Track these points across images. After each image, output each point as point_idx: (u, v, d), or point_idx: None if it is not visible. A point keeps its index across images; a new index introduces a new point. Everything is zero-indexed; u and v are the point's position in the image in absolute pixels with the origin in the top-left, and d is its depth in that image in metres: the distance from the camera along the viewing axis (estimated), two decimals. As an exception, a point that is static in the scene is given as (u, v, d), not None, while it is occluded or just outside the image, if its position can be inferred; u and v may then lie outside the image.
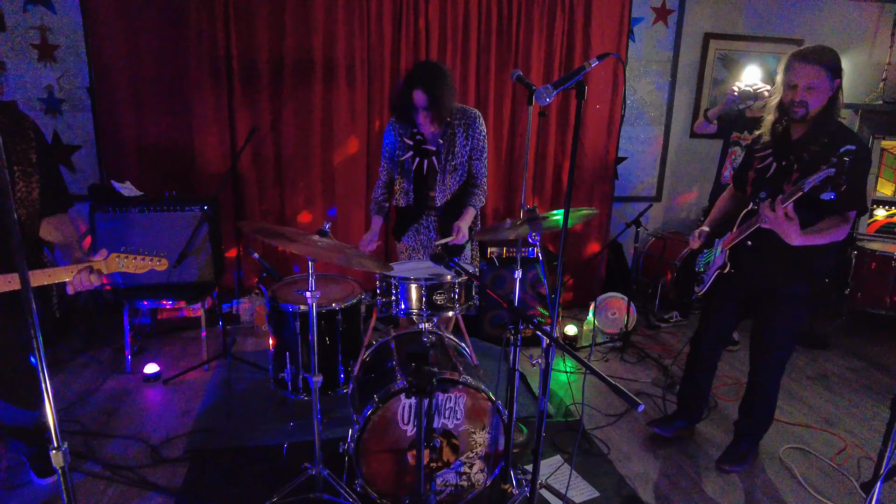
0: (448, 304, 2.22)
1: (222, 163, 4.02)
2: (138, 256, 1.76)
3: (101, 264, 1.73)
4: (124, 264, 1.76)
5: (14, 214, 1.22)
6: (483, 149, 2.80)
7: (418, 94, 2.53)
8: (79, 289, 1.71)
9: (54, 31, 3.95)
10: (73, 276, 1.68)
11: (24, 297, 1.22)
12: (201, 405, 3.08)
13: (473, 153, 2.77)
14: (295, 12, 3.87)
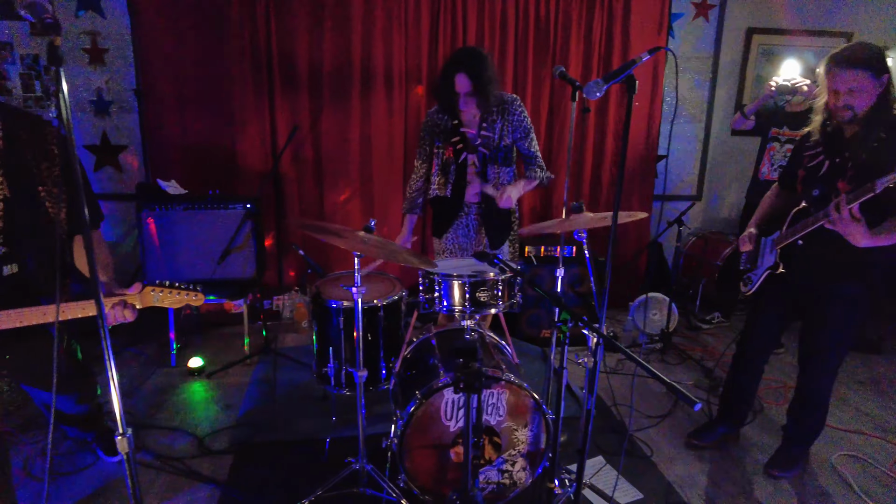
0: (491, 301, 2.21)
1: (263, 162, 4.10)
2: (174, 290, 1.69)
3: (135, 298, 1.66)
4: (159, 298, 1.68)
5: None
6: (529, 128, 2.74)
7: (461, 79, 2.49)
8: (113, 323, 1.61)
9: (104, 36, 4.08)
10: (108, 310, 1.60)
11: (96, 300, 1.26)
12: (244, 399, 3.14)
13: (518, 134, 2.72)
14: (334, 16, 3.92)
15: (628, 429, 2.90)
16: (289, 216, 4.20)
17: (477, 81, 2.51)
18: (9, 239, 1.65)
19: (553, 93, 4.26)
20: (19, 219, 1.63)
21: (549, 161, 4.36)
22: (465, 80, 2.50)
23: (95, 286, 1.26)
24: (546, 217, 4.40)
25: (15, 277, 1.70)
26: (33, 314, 1.58)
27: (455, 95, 2.53)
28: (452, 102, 2.61)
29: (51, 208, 1.67)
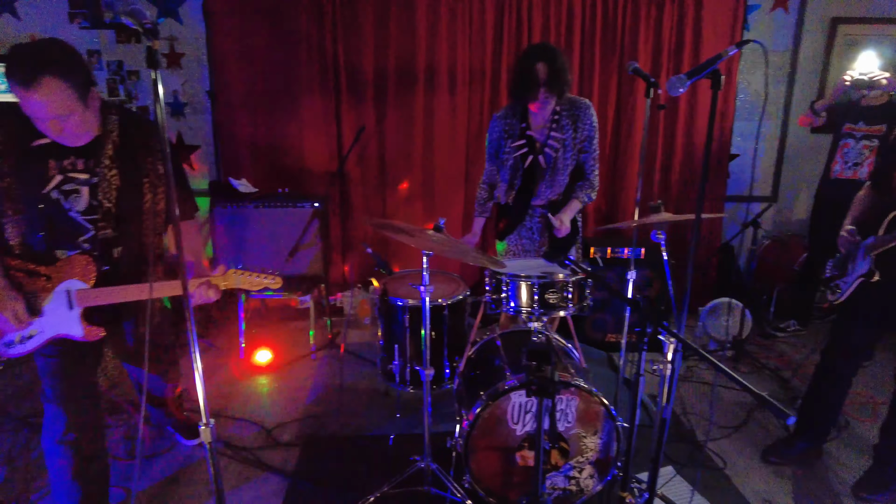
0: (560, 303, 2.17)
1: (329, 162, 4.18)
2: (253, 274, 1.83)
3: (219, 280, 1.80)
4: (240, 281, 1.82)
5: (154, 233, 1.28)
6: (593, 139, 2.68)
7: (540, 67, 2.43)
8: (198, 302, 1.78)
9: (181, 41, 4.27)
10: (195, 290, 1.75)
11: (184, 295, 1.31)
12: (310, 393, 3.21)
13: (583, 144, 2.67)
14: (399, 18, 3.95)
15: (700, 439, 2.79)
16: (354, 215, 4.28)
17: (552, 69, 2.45)
18: (118, 224, 1.81)
19: (620, 90, 4.15)
20: (127, 206, 1.80)
21: (615, 161, 4.26)
22: (543, 68, 2.44)
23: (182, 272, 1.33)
24: (612, 218, 4.28)
25: (121, 259, 1.87)
26: (134, 291, 1.76)
27: (533, 90, 2.47)
28: (527, 100, 2.54)
29: (149, 198, 1.84)
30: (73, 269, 1.78)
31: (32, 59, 1.49)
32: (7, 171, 1.65)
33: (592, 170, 2.72)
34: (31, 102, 1.51)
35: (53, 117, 1.56)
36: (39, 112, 1.54)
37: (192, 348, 1.36)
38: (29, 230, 1.73)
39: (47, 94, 1.51)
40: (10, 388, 3.11)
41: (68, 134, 1.65)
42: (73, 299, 1.79)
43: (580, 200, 2.72)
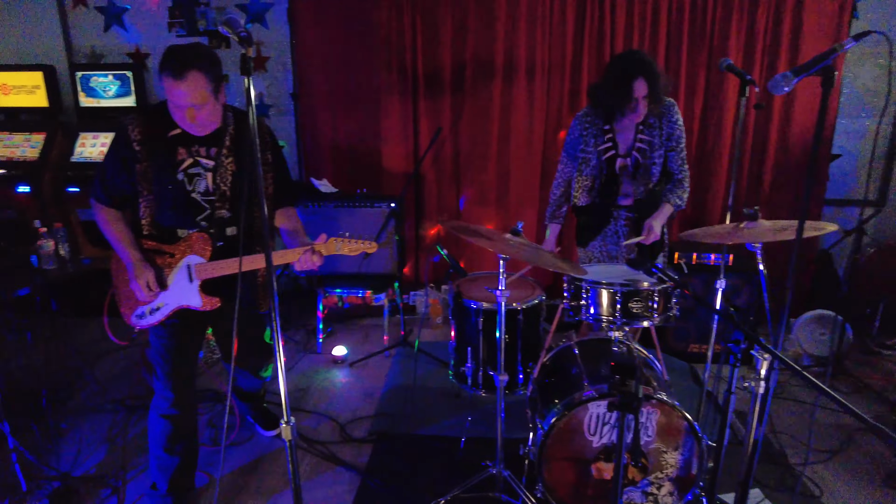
0: (644, 313, 2.07)
1: (406, 163, 4.23)
2: (352, 240, 2.01)
3: (321, 247, 1.98)
4: (340, 247, 2.00)
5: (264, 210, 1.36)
6: (680, 137, 2.56)
7: (640, 84, 2.35)
8: (302, 268, 1.97)
9: (266, 45, 4.45)
10: (300, 256, 1.95)
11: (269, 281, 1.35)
12: (383, 390, 3.26)
13: (669, 143, 2.55)
14: (477, 18, 3.93)
15: (793, 462, 2.59)
16: (428, 215, 4.30)
17: (654, 87, 2.36)
18: (233, 206, 2.04)
19: (708, 88, 3.93)
20: (240, 191, 2.02)
21: (702, 163, 4.05)
22: (643, 85, 2.35)
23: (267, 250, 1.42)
24: (698, 223, 4.06)
25: (233, 237, 2.08)
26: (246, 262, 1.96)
27: (628, 101, 2.38)
28: (620, 108, 2.44)
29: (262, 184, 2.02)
30: (192, 245, 2.00)
31: (183, 56, 1.77)
32: (144, 157, 1.91)
33: (681, 169, 2.60)
34: (178, 91, 1.78)
35: (192, 105, 1.82)
36: (182, 99, 1.80)
37: (277, 345, 1.40)
38: (158, 209, 1.97)
39: (191, 85, 1.78)
40: (111, 373, 3.36)
41: (200, 122, 1.89)
42: (192, 273, 2.01)
43: (672, 204, 2.59)
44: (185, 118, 1.87)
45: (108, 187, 1.98)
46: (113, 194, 1.99)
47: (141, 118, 1.94)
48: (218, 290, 2.04)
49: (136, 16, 4.51)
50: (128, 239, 1.98)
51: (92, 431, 2.80)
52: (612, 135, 2.59)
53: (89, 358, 3.43)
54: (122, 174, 1.94)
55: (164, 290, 2.01)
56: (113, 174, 1.95)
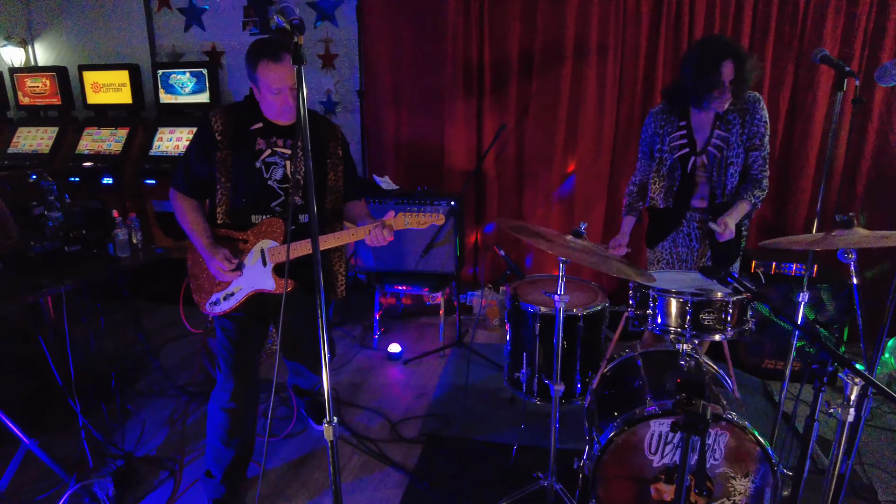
0: (717, 325, 1.91)
1: (468, 161, 4.16)
2: (420, 214, 2.01)
3: (391, 221, 1.98)
4: (409, 221, 1.99)
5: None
6: (764, 136, 2.37)
7: (728, 67, 2.19)
8: (374, 244, 1.97)
9: (335, 43, 4.51)
10: (370, 232, 1.96)
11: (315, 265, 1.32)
12: (436, 390, 3.21)
13: (751, 141, 2.37)
14: (545, 12, 3.80)
15: (882, 499, 2.33)
16: (488, 214, 4.22)
17: (741, 71, 2.20)
18: (306, 195, 2.06)
19: (797, 83, 3.63)
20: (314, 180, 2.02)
21: (786, 163, 3.75)
22: (730, 68, 2.20)
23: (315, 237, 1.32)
24: (779, 229, 3.77)
25: (306, 224, 2.12)
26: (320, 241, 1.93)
27: (715, 86, 2.22)
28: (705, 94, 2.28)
29: (332, 175, 2.16)
30: (266, 230, 2.06)
31: (276, 42, 1.91)
32: (225, 146, 2.01)
33: (762, 170, 2.41)
34: (277, 74, 1.89)
35: (288, 87, 1.92)
36: (282, 82, 1.90)
37: (322, 342, 1.37)
38: (234, 195, 2.05)
39: (287, 67, 1.89)
40: (175, 360, 3.49)
41: (287, 107, 1.98)
42: (266, 256, 2.07)
43: (748, 202, 2.40)
44: (277, 105, 1.96)
45: (189, 175, 2.07)
46: (193, 182, 2.08)
47: (224, 112, 2.06)
48: (292, 273, 2.07)
49: (213, 16, 4.69)
50: (202, 228, 2.06)
51: (154, 414, 2.91)
52: (687, 131, 2.42)
53: (156, 344, 3.58)
54: (203, 162, 2.04)
55: (239, 273, 2.08)
56: (194, 162, 2.05)
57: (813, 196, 3.73)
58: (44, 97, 4.97)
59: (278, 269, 2.09)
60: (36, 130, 4.94)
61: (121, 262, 2.94)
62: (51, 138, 4.84)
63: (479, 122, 4.12)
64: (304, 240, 2.03)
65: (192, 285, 2.18)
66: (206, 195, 2.10)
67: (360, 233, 2.00)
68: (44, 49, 5.22)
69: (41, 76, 4.94)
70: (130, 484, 2.38)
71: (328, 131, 2.16)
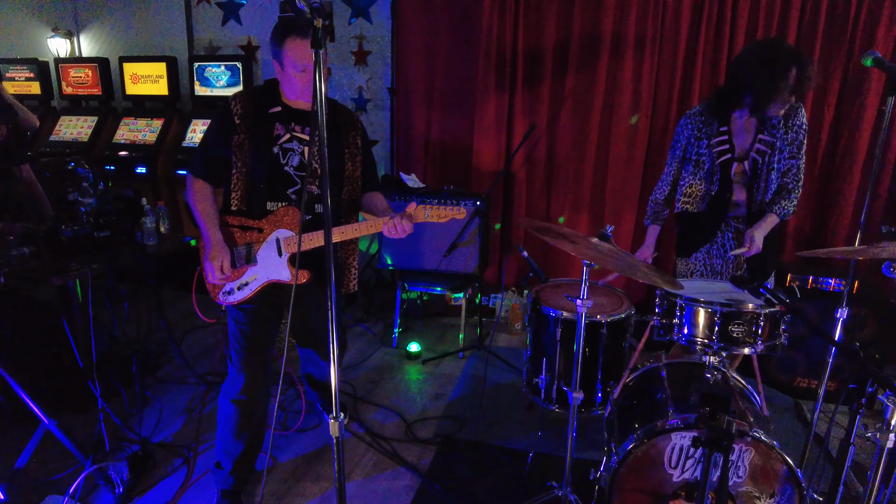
0: (747, 338, 1.81)
1: (496, 161, 4.10)
2: (441, 207, 1.97)
3: (411, 212, 1.95)
4: (429, 214, 1.96)
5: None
6: (802, 144, 2.29)
7: (793, 73, 2.12)
8: (392, 235, 1.94)
9: (369, 39, 4.51)
10: (391, 223, 1.93)
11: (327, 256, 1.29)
12: (453, 392, 3.16)
13: (790, 148, 2.29)
14: (582, 12, 3.73)
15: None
16: (514, 217, 4.15)
17: (802, 76, 2.13)
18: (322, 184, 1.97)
19: (844, 89, 3.47)
20: (331, 170, 2.04)
21: (829, 173, 3.60)
22: (794, 74, 2.13)
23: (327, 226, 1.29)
24: (817, 241, 3.62)
25: (321, 214, 2.09)
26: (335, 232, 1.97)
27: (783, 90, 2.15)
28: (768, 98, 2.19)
29: (350, 166, 2.13)
30: (281, 219, 2.03)
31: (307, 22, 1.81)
32: (243, 130, 1.98)
33: (795, 179, 2.33)
34: (302, 50, 1.87)
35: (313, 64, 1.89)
36: (306, 57, 1.87)
37: (332, 334, 1.33)
38: (250, 180, 2.01)
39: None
40: (196, 349, 3.53)
41: (311, 86, 1.92)
42: (281, 246, 2.04)
43: (777, 214, 2.33)
44: (301, 84, 1.93)
45: (207, 156, 2.04)
46: (210, 164, 2.04)
47: (244, 95, 2.03)
48: (308, 263, 2.05)
49: (250, 10, 4.75)
50: (212, 218, 2.02)
51: (173, 402, 2.94)
52: (728, 136, 2.32)
53: (178, 332, 3.62)
54: (220, 144, 2.00)
55: (253, 264, 2.05)
56: (213, 144, 2.02)
57: (856, 209, 3.56)
58: (86, 87, 5.10)
59: (294, 259, 2.06)
60: (77, 119, 5.08)
61: (147, 250, 2.98)
62: (90, 127, 4.96)
63: (509, 123, 4.06)
64: (319, 230, 2.00)
65: (205, 274, 2.15)
66: (222, 179, 2.06)
67: (378, 224, 1.95)
68: (88, 40, 5.36)
69: (84, 66, 5.07)
70: (145, 469, 2.40)
71: (347, 121, 2.14)
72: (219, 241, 2.00)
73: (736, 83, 2.27)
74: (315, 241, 2.00)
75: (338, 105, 2.19)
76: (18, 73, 5.27)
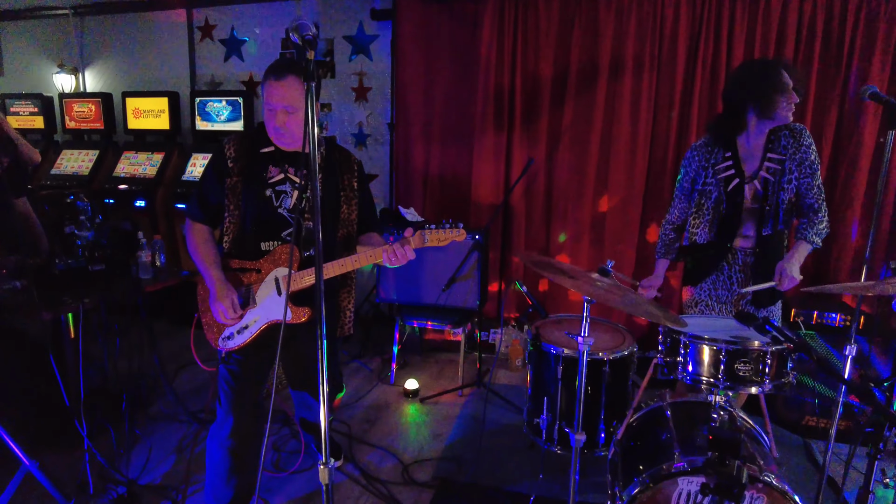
0: (753, 377, 1.75)
1: (495, 195, 4.10)
2: (440, 230, 1.94)
3: (410, 239, 1.90)
4: (428, 238, 1.92)
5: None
6: (815, 163, 2.26)
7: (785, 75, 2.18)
8: (393, 262, 1.89)
9: (369, 76, 4.56)
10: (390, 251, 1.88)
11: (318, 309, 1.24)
12: (452, 432, 3.07)
13: (803, 169, 2.25)
14: (580, 45, 3.79)
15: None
16: (514, 251, 4.12)
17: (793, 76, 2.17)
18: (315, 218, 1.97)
19: (841, 122, 3.48)
20: (326, 212, 2.03)
21: (832, 206, 3.56)
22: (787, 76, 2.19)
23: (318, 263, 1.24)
24: (822, 276, 3.57)
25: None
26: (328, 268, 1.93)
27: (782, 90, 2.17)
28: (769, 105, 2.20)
29: (345, 208, 2.09)
30: (278, 258, 1.99)
31: (286, 63, 1.91)
32: (236, 172, 1.97)
33: (818, 199, 2.29)
34: (275, 91, 1.87)
35: (285, 108, 1.88)
36: (278, 100, 1.87)
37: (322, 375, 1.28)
38: (243, 223, 1.99)
39: (288, 88, 1.86)
40: (189, 386, 3.45)
41: (290, 130, 1.92)
42: (280, 285, 1.99)
43: (810, 242, 2.26)
44: (276, 125, 1.91)
45: (202, 199, 2.03)
46: (206, 206, 2.03)
47: (237, 137, 2.03)
48: (307, 302, 2.00)
49: (252, 47, 4.82)
50: (213, 259, 1.98)
51: (163, 440, 2.85)
52: (734, 161, 2.30)
53: (172, 366, 3.54)
54: (215, 186, 1.99)
55: (254, 306, 2.00)
56: (207, 187, 2.01)
57: (858, 243, 3.53)
58: (88, 121, 5.15)
59: (293, 297, 2.02)
60: (79, 153, 5.10)
61: (141, 284, 2.94)
62: (91, 160, 4.98)
63: (507, 156, 4.08)
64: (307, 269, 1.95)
65: (204, 320, 2.09)
66: (220, 220, 2.05)
67: (376, 254, 1.91)
68: (93, 76, 5.43)
69: (88, 101, 5.12)
70: (130, 513, 2.31)
71: (344, 163, 2.11)
72: (223, 280, 1.95)
73: (734, 103, 2.28)
74: (311, 277, 1.94)
75: (336, 146, 2.17)
76: (23, 107, 5.33)
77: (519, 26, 3.88)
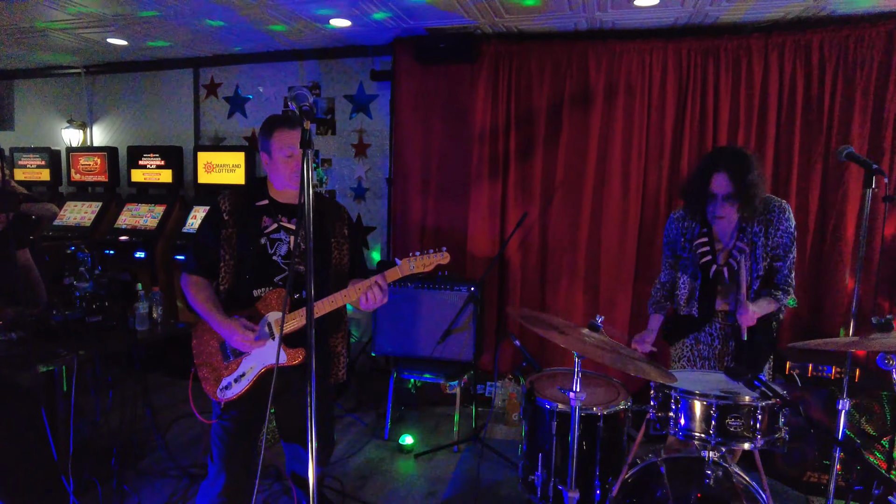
0: (745, 433, 1.76)
1: (490, 248, 4.17)
2: (424, 255, 2.00)
3: (395, 273, 1.97)
4: (414, 265, 1.98)
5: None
6: (788, 246, 2.30)
7: (719, 179, 2.18)
8: (368, 306, 1.97)
9: (368, 133, 4.71)
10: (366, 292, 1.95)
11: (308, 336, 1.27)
12: (447, 490, 3.01)
13: (776, 252, 2.30)
14: (571, 114, 3.95)
15: None
16: (509, 303, 4.15)
17: (739, 184, 2.17)
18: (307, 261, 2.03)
19: (826, 180, 3.58)
20: (318, 259, 2.09)
21: (817, 264, 3.63)
22: (724, 180, 2.18)
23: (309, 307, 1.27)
24: (815, 329, 3.59)
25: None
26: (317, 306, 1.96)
27: (709, 198, 2.23)
28: (701, 206, 2.29)
29: (336, 255, 2.15)
30: (270, 303, 2.03)
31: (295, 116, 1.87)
32: (232, 224, 2.05)
33: (786, 280, 2.32)
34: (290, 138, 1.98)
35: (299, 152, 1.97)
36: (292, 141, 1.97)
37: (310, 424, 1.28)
38: (237, 271, 2.06)
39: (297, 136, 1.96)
40: (181, 439, 3.40)
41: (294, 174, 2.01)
42: (273, 329, 2.02)
43: (776, 299, 2.30)
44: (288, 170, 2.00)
45: (199, 251, 2.09)
46: (202, 258, 2.08)
47: (232, 192, 2.12)
48: (301, 343, 2.01)
49: (255, 104, 4.99)
50: (214, 306, 2.02)
51: (152, 496, 2.79)
52: (709, 239, 2.37)
53: (165, 420, 3.50)
54: (210, 238, 2.05)
55: (248, 354, 2.01)
56: (204, 239, 2.08)
57: (851, 297, 3.56)
58: (93, 174, 5.27)
59: (287, 340, 2.03)
60: (82, 205, 5.19)
61: (137, 336, 2.94)
62: (94, 212, 5.07)
63: (502, 210, 4.17)
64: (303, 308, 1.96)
65: (200, 374, 2.11)
66: (215, 273, 2.09)
67: (351, 293, 1.97)
68: (100, 131, 5.59)
69: (94, 155, 5.26)
70: (114, 575, 2.24)
71: (334, 212, 2.20)
72: (226, 318, 1.98)
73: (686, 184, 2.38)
74: (301, 318, 1.97)
75: (324, 199, 2.28)
76: (31, 160, 5.46)
77: (512, 87, 4.05)
